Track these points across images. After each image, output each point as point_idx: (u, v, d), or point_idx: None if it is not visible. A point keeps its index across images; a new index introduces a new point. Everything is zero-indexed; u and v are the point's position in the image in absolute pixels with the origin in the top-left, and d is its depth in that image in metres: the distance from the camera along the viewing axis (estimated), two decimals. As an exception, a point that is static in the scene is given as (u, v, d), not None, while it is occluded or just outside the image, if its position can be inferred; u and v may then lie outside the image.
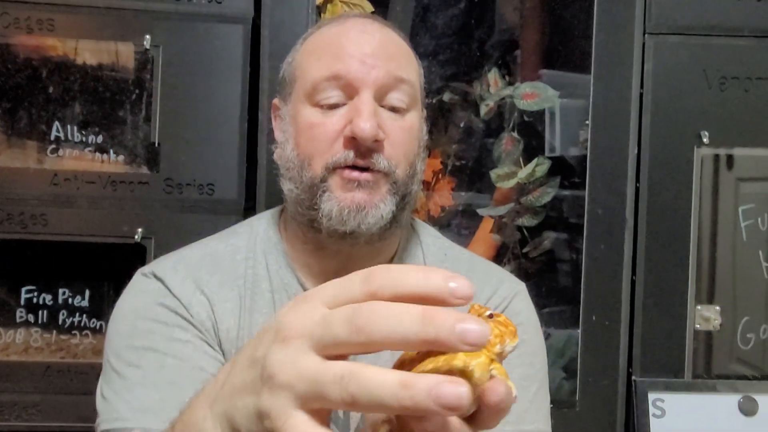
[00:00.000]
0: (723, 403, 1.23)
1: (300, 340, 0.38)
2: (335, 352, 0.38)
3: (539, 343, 0.86)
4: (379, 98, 0.76)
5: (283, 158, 0.80)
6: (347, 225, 0.74)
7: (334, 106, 0.76)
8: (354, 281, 0.39)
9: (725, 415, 1.22)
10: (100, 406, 0.75)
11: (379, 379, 0.36)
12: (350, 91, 0.75)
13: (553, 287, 1.30)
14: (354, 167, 0.74)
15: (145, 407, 0.71)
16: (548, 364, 0.86)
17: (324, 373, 0.36)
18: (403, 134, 0.77)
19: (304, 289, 0.81)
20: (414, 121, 0.79)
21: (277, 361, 0.38)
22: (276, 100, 0.85)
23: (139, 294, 0.79)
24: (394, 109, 0.77)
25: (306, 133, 0.76)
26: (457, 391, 0.34)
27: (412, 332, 0.35)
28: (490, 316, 0.39)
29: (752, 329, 1.27)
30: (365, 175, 0.74)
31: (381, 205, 0.74)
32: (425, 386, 0.34)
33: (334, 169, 0.74)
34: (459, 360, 0.36)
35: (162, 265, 0.82)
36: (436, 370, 0.37)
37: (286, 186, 0.79)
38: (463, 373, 0.36)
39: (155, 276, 0.80)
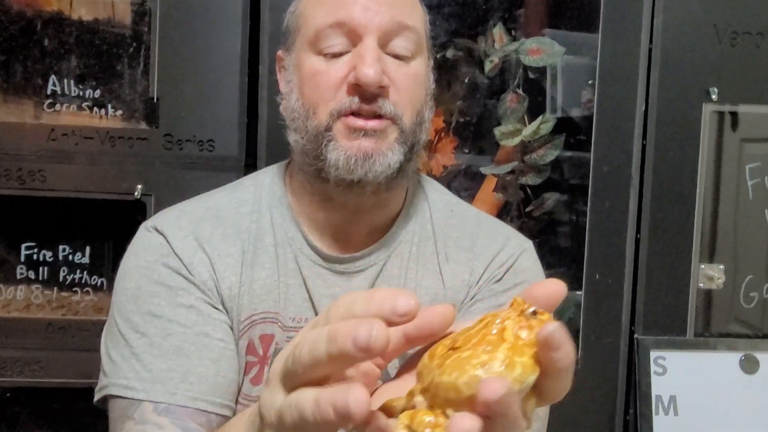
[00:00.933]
0: (724, 361, 1.24)
1: (274, 380, 0.42)
2: (293, 386, 0.40)
3: None
4: (383, 45, 0.74)
5: (288, 109, 0.79)
6: (354, 173, 0.73)
7: (337, 54, 0.74)
8: (319, 320, 0.41)
9: (727, 373, 1.23)
10: (107, 365, 0.75)
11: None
12: (354, 37, 0.74)
13: (555, 247, 1.29)
14: (359, 114, 0.73)
15: (154, 378, 0.72)
16: None
17: (288, 404, 0.39)
18: (408, 80, 0.75)
19: (308, 244, 0.80)
20: (420, 69, 0.77)
21: (264, 403, 0.42)
22: (280, 52, 0.84)
23: (142, 251, 0.78)
24: (398, 57, 0.75)
25: (310, 82, 0.75)
26: (370, 328, 0.35)
27: (322, 353, 0.37)
28: (534, 312, 0.37)
29: (755, 288, 1.27)
30: (372, 123, 0.73)
31: (389, 153, 0.73)
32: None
33: (338, 116, 0.73)
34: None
35: (164, 218, 0.81)
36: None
37: (292, 137, 0.78)
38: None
39: (157, 230, 0.79)
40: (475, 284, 0.82)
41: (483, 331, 0.38)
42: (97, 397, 0.76)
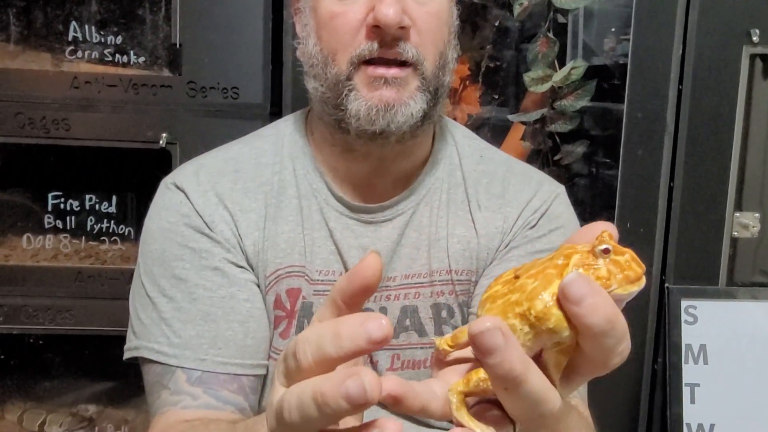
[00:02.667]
0: (756, 311, 1.22)
1: (276, 382, 0.39)
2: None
3: (577, 223, 0.85)
4: None
5: (306, 54, 0.76)
6: (376, 125, 0.70)
7: None
8: (287, 355, 0.39)
9: (758, 323, 1.22)
10: (137, 327, 0.76)
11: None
12: None
13: (585, 196, 1.27)
14: (380, 61, 0.70)
15: (184, 344, 0.73)
16: None
17: (287, 399, 0.37)
18: (430, 20, 0.72)
19: (333, 195, 0.79)
20: (442, 6, 0.74)
21: (268, 406, 0.40)
22: None
23: (164, 212, 0.78)
24: None
25: (327, 26, 0.72)
26: (360, 383, 0.33)
27: (313, 413, 0.35)
28: (606, 251, 0.34)
29: (791, 237, 1.25)
30: (393, 71, 0.70)
31: (411, 103, 0.71)
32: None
33: (359, 64, 0.71)
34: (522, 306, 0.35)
35: (183, 173, 0.80)
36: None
37: (311, 84, 0.76)
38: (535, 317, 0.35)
39: (177, 186, 0.78)
40: (509, 231, 0.80)
41: (546, 264, 0.36)
42: (127, 355, 0.77)
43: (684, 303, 1.21)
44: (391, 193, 0.79)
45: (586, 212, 1.26)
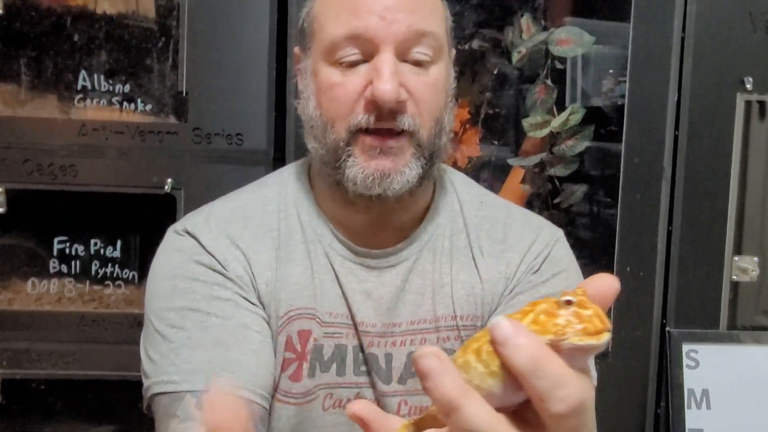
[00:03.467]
0: (758, 355, 1.22)
1: None
2: None
3: (577, 269, 0.85)
4: (401, 54, 0.72)
5: (306, 114, 0.78)
6: (372, 191, 0.72)
7: (353, 64, 0.72)
8: None
9: (760, 367, 1.22)
10: (147, 367, 0.74)
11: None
12: (370, 48, 0.71)
13: (584, 239, 1.28)
14: (377, 131, 0.72)
15: (194, 369, 0.70)
16: None
17: None
18: (427, 90, 0.73)
19: (339, 240, 0.80)
20: (440, 74, 0.75)
21: None
22: (297, 49, 0.82)
23: (174, 253, 0.77)
24: (417, 63, 0.73)
25: (327, 94, 0.74)
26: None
27: None
28: (569, 302, 0.35)
29: (790, 280, 1.25)
30: (388, 142, 0.72)
31: (406, 170, 0.72)
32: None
33: (357, 132, 0.72)
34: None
35: (193, 221, 0.80)
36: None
37: (311, 144, 0.77)
38: None
39: (188, 233, 0.78)
40: (512, 276, 0.81)
41: (521, 310, 0.37)
42: (144, 404, 0.75)
43: (685, 347, 1.21)
44: (393, 241, 0.80)
45: (587, 255, 1.27)
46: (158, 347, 0.73)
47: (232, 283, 0.75)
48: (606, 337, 0.34)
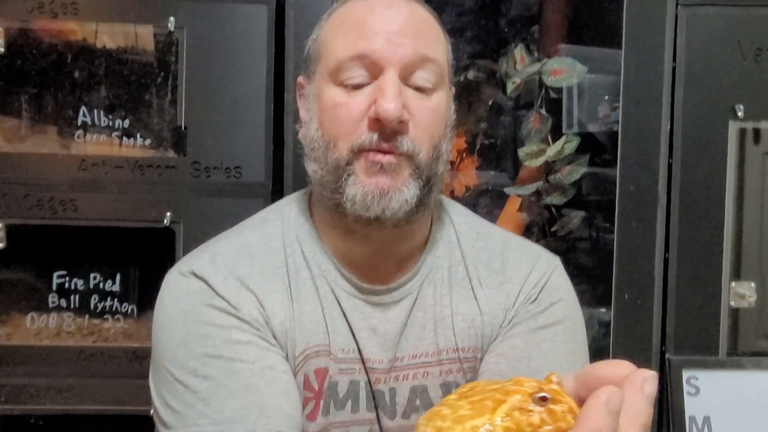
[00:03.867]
0: (758, 381, 1.21)
1: None
2: None
3: (580, 318, 0.85)
4: (405, 77, 0.74)
5: (308, 138, 0.78)
6: (371, 211, 0.72)
7: (358, 86, 0.74)
8: None
9: (761, 392, 1.21)
10: (168, 417, 0.72)
11: None
12: (375, 70, 0.73)
13: (581, 266, 1.28)
14: (378, 150, 0.73)
15: (229, 418, 0.68)
16: None
17: None
18: (428, 115, 0.75)
19: (342, 275, 0.79)
20: (441, 102, 0.77)
21: None
22: (300, 78, 0.83)
23: (183, 296, 0.75)
24: (420, 89, 0.75)
25: (330, 114, 0.75)
26: None
27: None
28: (543, 399, 0.35)
29: (788, 306, 1.25)
30: (388, 157, 0.73)
31: (404, 189, 0.73)
32: None
33: (359, 151, 0.73)
34: None
35: (199, 262, 0.78)
36: None
37: (311, 167, 0.78)
38: None
39: (195, 275, 0.76)
40: (511, 307, 0.81)
41: (490, 392, 0.37)
42: None
43: (686, 374, 1.21)
44: (394, 274, 0.81)
45: (585, 282, 1.27)
46: (181, 397, 0.71)
47: (248, 325, 0.74)
48: None
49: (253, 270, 0.78)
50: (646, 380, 0.34)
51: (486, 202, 1.30)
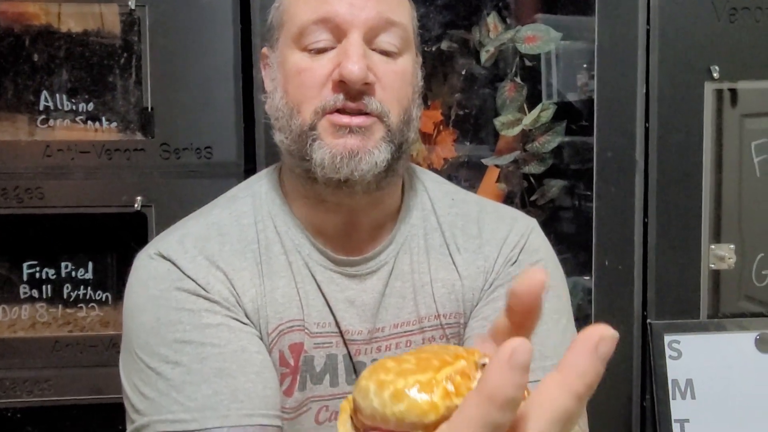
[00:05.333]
0: (739, 342, 1.22)
1: None
2: None
3: (561, 276, 0.85)
4: (369, 41, 0.73)
5: (273, 108, 0.77)
6: (341, 172, 0.71)
7: (322, 51, 0.73)
8: None
9: (742, 354, 1.22)
10: (140, 405, 0.70)
11: None
12: (339, 33, 0.72)
13: (561, 234, 1.28)
14: (344, 112, 0.72)
15: (201, 405, 0.68)
16: None
17: None
18: (395, 78, 0.74)
19: (316, 249, 0.79)
20: (407, 66, 0.76)
21: None
22: (265, 49, 0.82)
23: (151, 281, 0.74)
24: (385, 53, 0.74)
25: (294, 80, 0.74)
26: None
27: None
28: (485, 365, 0.34)
29: (767, 266, 1.26)
30: (357, 120, 0.72)
31: (375, 152, 0.72)
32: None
33: (323, 114, 0.72)
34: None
35: (167, 243, 0.76)
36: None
37: (278, 137, 0.77)
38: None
39: (162, 256, 0.75)
40: (491, 270, 0.81)
41: (439, 352, 0.36)
42: None
43: (667, 338, 1.21)
44: (368, 244, 0.80)
45: (566, 251, 1.27)
46: (154, 384, 0.70)
47: (219, 306, 0.73)
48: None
49: (223, 248, 0.77)
50: (604, 340, 0.32)
51: (465, 174, 1.29)
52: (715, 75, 1.20)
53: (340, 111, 0.72)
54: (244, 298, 0.75)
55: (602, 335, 0.32)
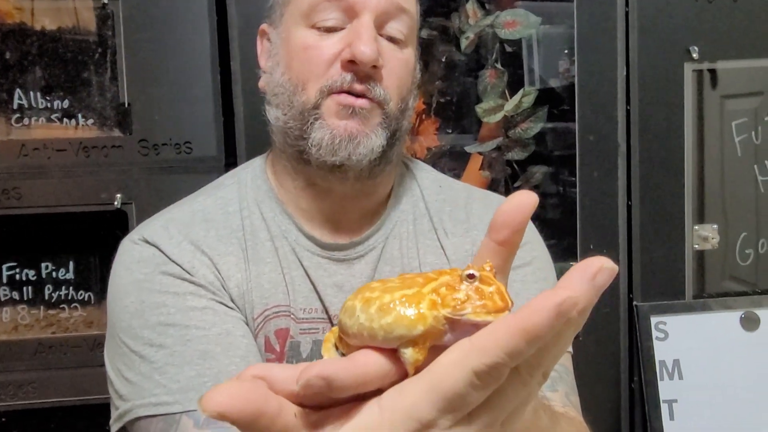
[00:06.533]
0: (725, 321, 1.23)
1: None
2: None
3: (548, 258, 0.86)
4: (379, 26, 0.73)
5: (272, 84, 0.76)
6: (337, 155, 0.71)
7: (331, 29, 0.72)
8: None
9: (728, 333, 1.23)
10: (123, 389, 0.70)
11: None
12: (350, 13, 0.72)
13: (546, 219, 1.28)
14: (350, 93, 0.71)
15: (185, 387, 0.67)
16: None
17: None
18: (400, 66, 0.74)
19: (303, 234, 0.78)
20: (411, 56, 0.77)
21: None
22: (264, 26, 0.81)
23: (134, 265, 0.73)
24: (392, 40, 0.74)
25: (300, 56, 0.73)
26: None
27: None
28: (471, 276, 0.34)
29: (750, 245, 1.26)
30: (361, 101, 0.71)
31: (372, 136, 0.72)
32: None
33: (329, 93, 0.71)
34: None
35: (151, 228, 0.76)
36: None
37: (273, 114, 0.76)
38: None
39: (147, 242, 0.74)
40: None
41: (416, 275, 0.36)
42: (116, 426, 0.71)
43: (654, 319, 1.22)
44: (357, 230, 0.80)
45: (550, 236, 1.26)
46: (137, 368, 0.69)
47: (204, 290, 0.72)
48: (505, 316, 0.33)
49: (208, 233, 0.76)
50: (602, 271, 0.32)
51: (448, 163, 1.28)
52: (695, 56, 1.20)
53: (346, 92, 0.71)
54: (229, 282, 0.74)
55: (602, 266, 0.32)
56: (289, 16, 0.75)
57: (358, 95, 0.71)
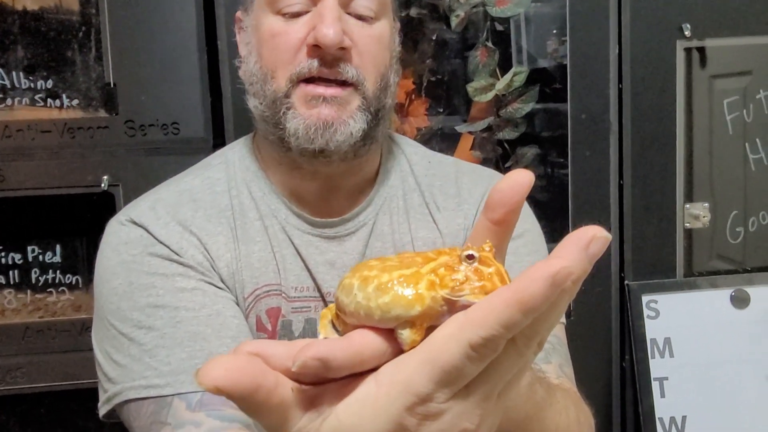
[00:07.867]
0: (715, 299, 1.24)
1: None
2: None
3: (540, 232, 0.85)
4: (345, 5, 0.71)
5: (247, 73, 0.76)
6: (315, 143, 0.70)
7: (297, 14, 0.71)
8: None
9: (718, 311, 1.23)
10: (113, 372, 0.69)
11: None
12: None
13: (539, 200, 1.27)
14: (320, 80, 0.70)
15: (176, 369, 0.66)
16: None
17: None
18: (371, 43, 0.72)
19: (293, 213, 0.78)
20: (384, 31, 0.74)
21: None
22: (239, 12, 0.80)
23: (122, 246, 0.72)
24: (361, 18, 0.72)
25: (268, 44, 0.72)
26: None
27: None
28: (470, 257, 0.33)
29: (741, 223, 1.27)
30: (332, 90, 0.70)
31: (350, 122, 0.71)
32: None
33: (298, 81, 0.70)
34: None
35: (138, 209, 0.75)
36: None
37: (251, 102, 0.75)
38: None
39: (134, 222, 0.73)
40: (470, 226, 0.81)
41: (422, 252, 0.36)
42: (105, 409, 0.70)
43: (645, 298, 1.22)
44: (346, 208, 0.79)
45: (542, 216, 1.26)
46: (126, 350, 0.68)
47: (193, 270, 0.72)
48: None
49: (196, 214, 0.75)
50: (596, 240, 0.31)
51: (439, 144, 1.27)
52: (687, 33, 1.19)
53: (315, 80, 0.70)
54: (218, 262, 0.74)
55: (595, 235, 0.31)
56: (257, 3, 0.74)
57: (329, 82, 0.70)
